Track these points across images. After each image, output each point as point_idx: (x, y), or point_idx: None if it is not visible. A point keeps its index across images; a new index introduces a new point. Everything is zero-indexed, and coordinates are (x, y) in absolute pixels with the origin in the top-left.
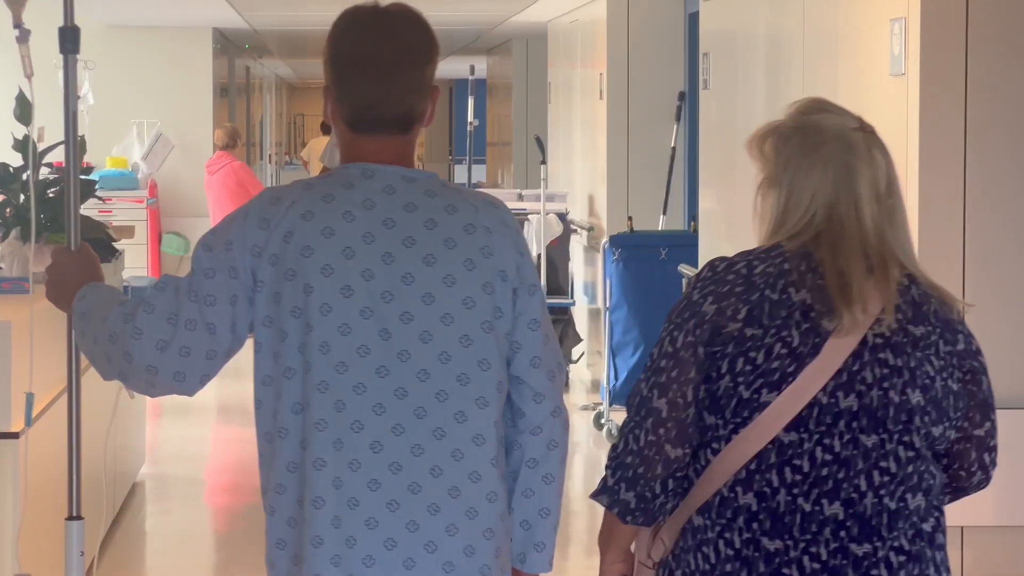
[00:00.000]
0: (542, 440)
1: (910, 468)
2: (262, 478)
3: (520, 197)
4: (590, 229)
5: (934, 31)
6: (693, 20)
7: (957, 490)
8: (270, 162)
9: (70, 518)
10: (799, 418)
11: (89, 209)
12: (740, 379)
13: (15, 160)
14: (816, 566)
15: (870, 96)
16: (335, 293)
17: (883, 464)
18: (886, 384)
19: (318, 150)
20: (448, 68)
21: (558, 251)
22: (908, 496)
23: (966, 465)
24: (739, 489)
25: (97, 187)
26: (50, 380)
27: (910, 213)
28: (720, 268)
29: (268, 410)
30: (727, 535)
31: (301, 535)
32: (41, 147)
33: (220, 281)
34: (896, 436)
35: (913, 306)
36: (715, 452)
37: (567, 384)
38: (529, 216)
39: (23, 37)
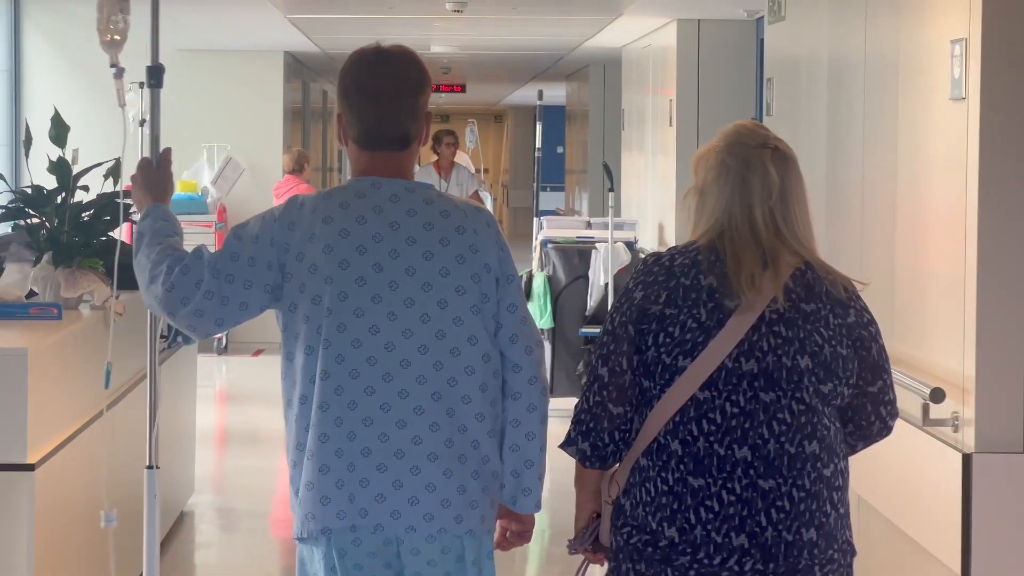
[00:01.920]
0: (522, 403)
1: (803, 419)
2: (287, 438)
3: (588, 225)
4: None
5: (996, 52)
6: (764, 46)
7: (862, 438)
8: None
9: (149, 467)
10: (710, 379)
11: None
12: (663, 349)
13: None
14: (732, 498)
15: (930, 120)
16: (350, 283)
17: (780, 416)
18: (780, 351)
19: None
20: (527, 94)
21: (626, 280)
22: (804, 443)
23: (864, 417)
24: (669, 437)
25: None
26: (74, 410)
27: (969, 239)
28: (650, 262)
29: (291, 381)
30: (663, 474)
31: (323, 481)
32: (76, 169)
33: (241, 265)
34: (789, 393)
35: (806, 287)
36: (651, 408)
37: None
38: (597, 245)
39: (119, 74)
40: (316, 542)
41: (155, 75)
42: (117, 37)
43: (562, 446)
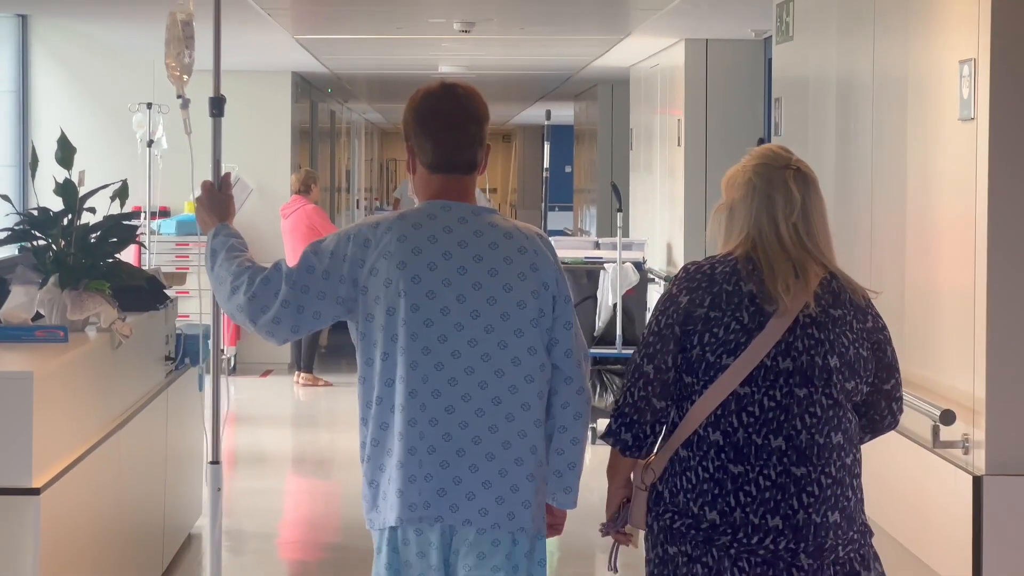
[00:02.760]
0: (570, 412)
1: (831, 413)
2: (360, 436)
3: (597, 246)
4: (666, 278)
5: (1005, 73)
6: (772, 66)
7: (872, 431)
8: (357, 207)
9: (212, 462)
10: (750, 376)
11: (163, 256)
12: (707, 348)
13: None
14: (767, 484)
15: (938, 141)
16: (422, 296)
17: (811, 409)
18: (812, 351)
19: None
20: (535, 114)
21: (635, 300)
22: (831, 434)
23: (878, 412)
24: (710, 429)
25: (175, 232)
26: (80, 433)
27: (979, 260)
28: (692, 270)
29: (368, 384)
30: (704, 463)
31: (387, 475)
32: (82, 191)
33: (316, 278)
34: (820, 389)
35: (833, 295)
36: (692, 403)
37: None
38: (605, 265)
39: (185, 104)
40: (382, 530)
41: (217, 105)
42: (185, 74)
43: (603, 437)
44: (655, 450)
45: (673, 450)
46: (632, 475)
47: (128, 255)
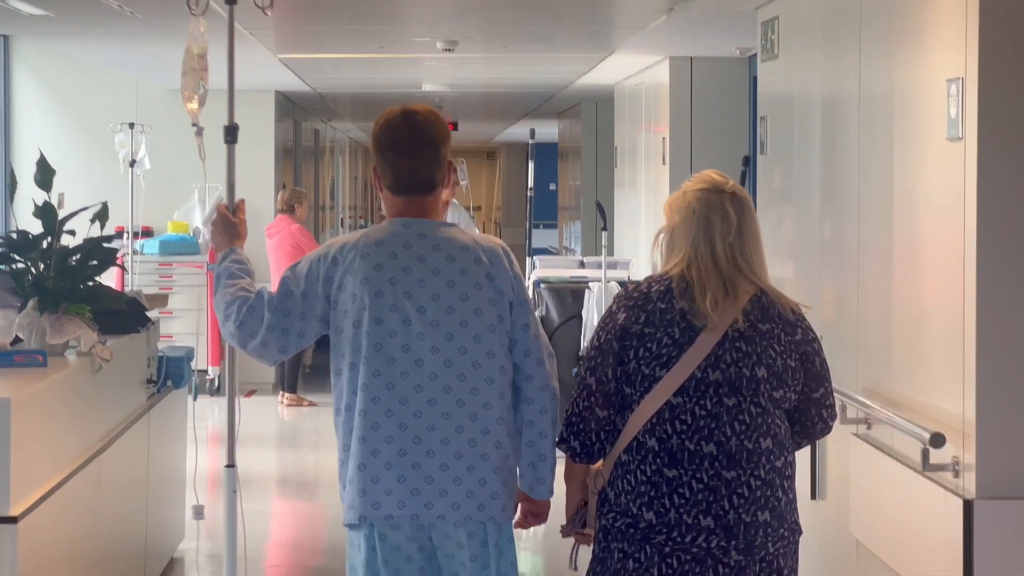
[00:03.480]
0: (535, 407)
1: (759, 420)
2: (337, 440)
3: (582, 265)
4: None
5: (994, 92)
6: (757, 84)
7: (806, 436)
8: (342, 225)
9: (228, 466)
10: (682, 387)
11: (146, 276)
12: (643, 362)
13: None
14: (700, 487)
15: (926, 161)
16: (385, 309)
17: (740, 417)
18: (740, 363)
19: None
20: (519, 132)
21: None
22: (760, 440)
23: (809, 419)
24: (647, 436)
25: (158, 252)
26: (59, 460)
27: (968, 281)
28: (630, 290)
29: (338, 392)
30: (642, 467)
31: (361, 477)
32: (62, 213)
33: (295, 300)
34: (748, 398)
35: (762, 310)
36: (632, 411)
37: None
38: (590, 284)
39: (199, 132)
40: (360, 528)
41: (231, 133)
42: (200, 104)
43: (556, 444)
44: (604, 456)
45: (616, 455)
46: (588, 480)
47: (111, 276)
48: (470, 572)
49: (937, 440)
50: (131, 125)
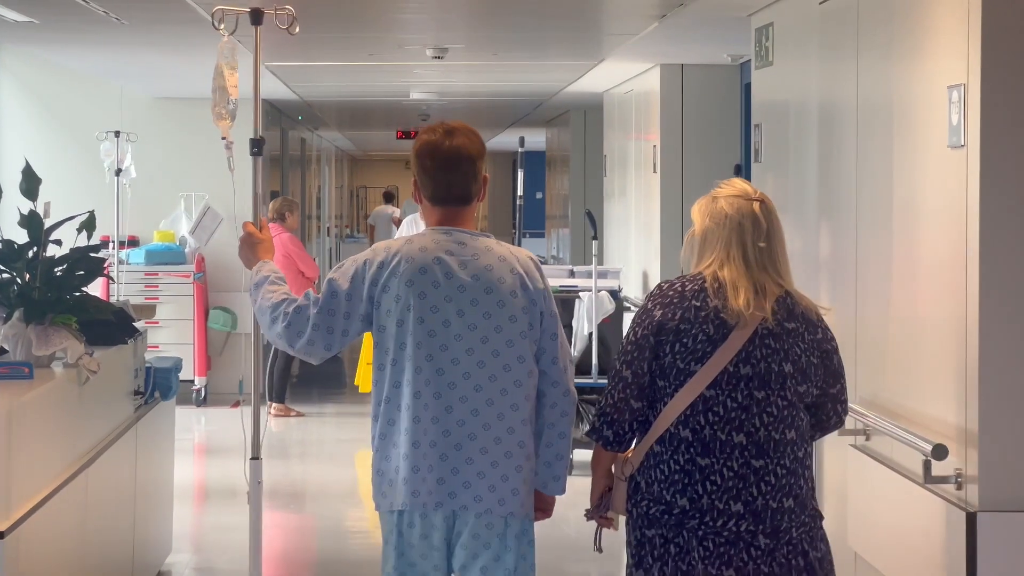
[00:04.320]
0: (557, 410)
1: (786, 412)
2: (372, 430)
3: (571, 274)
4: None
5: (996, 98)
6: (749, 91)
7: (820, 429)
8: (328, 235)
9: (254, 458)
10: (715, 380)
11: (132, 286)
12: (678, 356)
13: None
14: (731, 474)
15: (927, 169)
16: (427, 310)
17: (769, 410)
18: (769, 359)
19: (383, 215)
20: (507, 140)
21: (610, 329)
22: (786, 431)
23: (825, 413)
24: (681, 427)
25: (144, 261)
26: (47, 473)
27: (971, 291)
28: (665, 287)
29: (380, 385)
30: (675, 456)
31: (394, 465)
32: (48, 223)
33: (340, 300)
34: (776, 392)
35: (787, 310)
36: (665, 404)
37: None
38: (580, 294)
39: (228, 146)
40: (391, 514)
41: (257, 145)
42: (230, 119)
43: (588, 434)
44: (633, 445)
45: (649, 445)
46: (613, 467)
47: (97, 286)
48: (482, 561)
49: (940, 452)
50: (116, 134)
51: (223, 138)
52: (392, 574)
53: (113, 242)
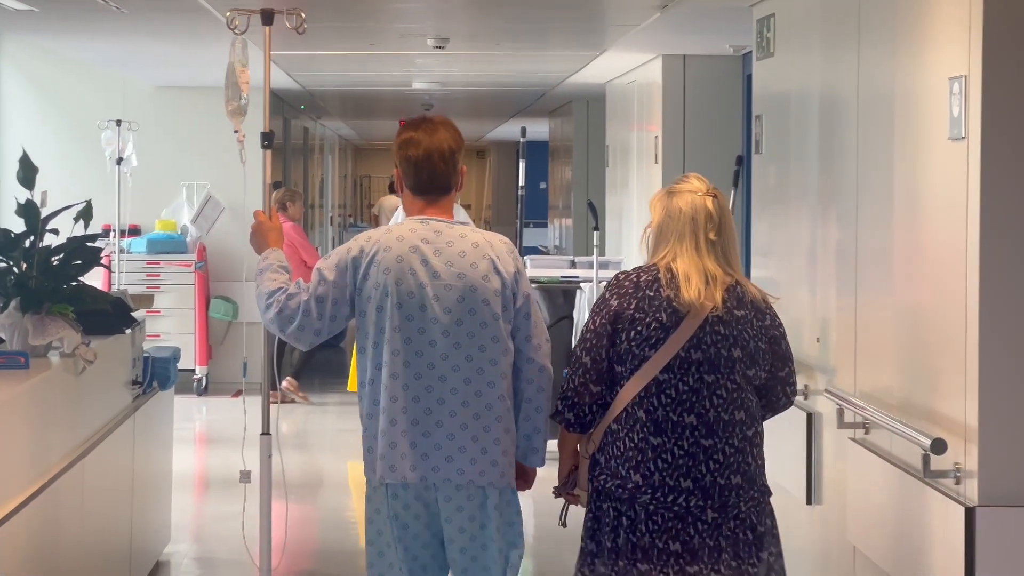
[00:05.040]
0: (533, 386)
1: (735, 395)
2: (360, 409)
3: (573, 264)
4: None
5: (997, 90)
6: (751, 82)
7: (771, 409)
8: (332, 224)
9: (264, 433)
10: (668, 365)
11: (133, 275)
12: (633, 343)
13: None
14: (681, 453)
15: (928, 161)
16: (404, 296)
17: (718, 392)
18: (719, 345)
19: (388, 207)
20: (510, 130)
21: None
22: (735, 412)
23: (775, 395)
24: (636, 408)
25: (145, 250)
26: (41, 464)
27: (971, 284)
28: (621, 278)
29: (362, 367)
30: (630, 435)
31: (382, 442)
32: (45, 212)
33: (328, 288)
34: (725, 375)
35: (737, 299)
36: (621, 386)
37: None
38: (581, 284)
39: (240, 138)
40: (377, 486)
41: (267, 139)
42: (242, 114)
43: (551, 416)
44: (594, 427)
45: (607, 425)
46: (578, 447)
47: (97, 276)
48: (468, 533)
49: (939, 446)
50: (118, 122)
51: (235, 131)
52: (392, 543)
53: (114, 231)
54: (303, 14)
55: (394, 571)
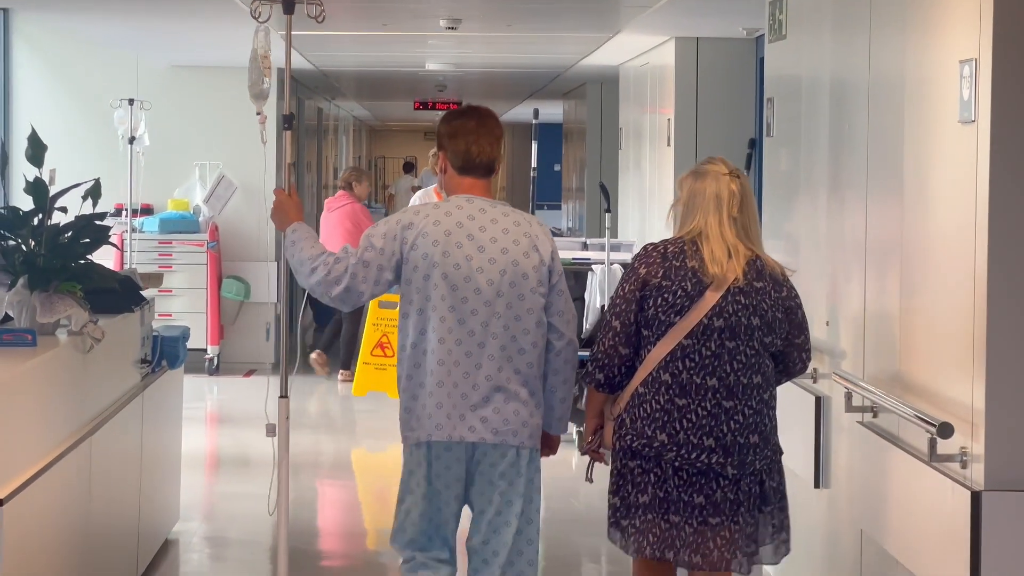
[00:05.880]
0: (561, 358)
1: (753, 360)
2: (398, 371)
3: (585, 246)
4: None
5: (1007, 73)
6: (764, 65)
7: (787, 374)
8: None
9: (282, 396)
10: (692, 331)
11: (146, 254)
12: (660, 309)
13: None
14: (704, 413)
15: (937, 144)
16: (450, 267)
17: (738, 357)
18: (740, 314)
19: (405, 186)
20: (524, 112)
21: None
22: (753, 376)
23: (791, 360)
24: (661, 371)
25: (158, 230)
26: (48, 441)
27: (979, 267)
28: (649, 249)
29: (405, 332)
30: (656, 397)
31: (420, 403)
32: (54, 190)
33: (375, 254)
34: (744, 341)
35: (757, 271)
36: (648, 351)
37: None
38: (593, 267)
39: (262, 120)
40: (417, 446)
41: (288, 120)
42: (263, 98)
43: (581, 378)
44: (621, 388)
45: (634, 387)
46: (604, 408)
47: (109, 254)
48: (499, 487)
49: (945, 430)
50: (131, 101)
51: (258, 113)
52: (419, 502)
53: (127, 210)
54: (322, 3)
55: (413, 525)
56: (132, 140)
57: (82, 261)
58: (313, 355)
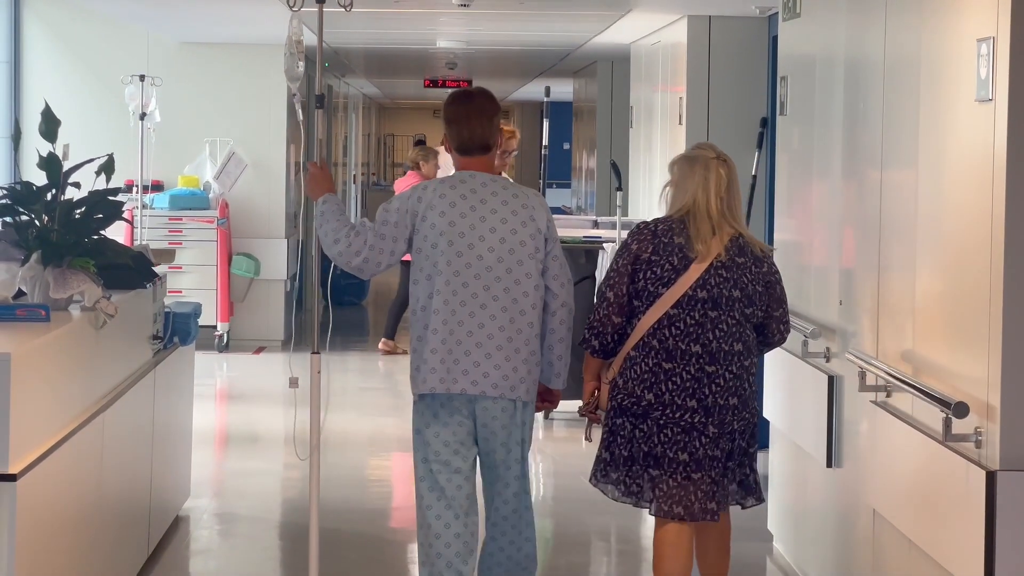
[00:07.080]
0: (556, 318)
1: (734, 329)
2: (411, 333)
3: (595, 224)
4: None
5: None
6: (777, 44)
7: (766, 344)
8: (354, 182)
9: (314, 352)
10: (678, 301)
11: (156, 230)
12: (649, 281)
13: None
14: (688, 376)
15: (954, 123)
16: (455, 235)
17: (720, 326)
18: (721, 286)
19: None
20: (535, 90)
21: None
22: (733, 343)
23: (770, 331)
24: (650, 337)
25: (168, 206)
26: (61, 416)
27: (995, 247)
28: (641, 227)
29: (415, 298)
30: (646, 360)
31: (426, 359)
32: (67, 165)
33: (390, 227)
34: (726, 312)
35: (739, 248)
36: (639, 319)
37: None
38: (604, 245)
39: (297, 100)
40: (424, 398)
41: (320, 100)
42: (296, 80)
43: (579, 343)
44: (615, 354)
45: (626, 352)
46: (601, 372)
47: (120, 230)
48: (500, 437)
49: (960, 410)
50: (141, 77)
51: (294, 95)
52: (436, 448)
53: (137, 186)
54: None
55: (429, 475)
56: (143, 116)
57: (95, 237)
58: (380, 344)
